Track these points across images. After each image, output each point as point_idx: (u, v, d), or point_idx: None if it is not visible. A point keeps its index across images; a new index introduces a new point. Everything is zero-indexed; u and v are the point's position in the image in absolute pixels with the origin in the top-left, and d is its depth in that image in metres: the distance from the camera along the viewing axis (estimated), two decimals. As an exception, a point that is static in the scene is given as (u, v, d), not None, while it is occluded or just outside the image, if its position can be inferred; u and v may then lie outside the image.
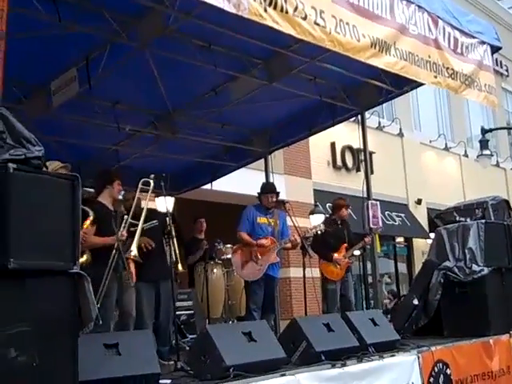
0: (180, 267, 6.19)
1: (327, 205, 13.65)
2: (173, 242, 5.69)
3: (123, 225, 5.60)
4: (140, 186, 5.91)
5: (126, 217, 5.66)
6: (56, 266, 3.35)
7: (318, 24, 4.99)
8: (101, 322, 3.48)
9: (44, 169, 3.49)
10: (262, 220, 7.09)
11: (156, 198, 9.03)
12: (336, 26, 5.17)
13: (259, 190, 7.24)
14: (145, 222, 6.00)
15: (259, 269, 6.87)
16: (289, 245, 7.19)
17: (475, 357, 6.36)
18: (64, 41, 6.02)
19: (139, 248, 5.63)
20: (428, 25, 6.27)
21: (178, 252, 5.85)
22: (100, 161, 8.95)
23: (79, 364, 3.42)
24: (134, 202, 5.88)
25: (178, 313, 8.55)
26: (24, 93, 6.99)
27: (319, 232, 7.32)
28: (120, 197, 6.16)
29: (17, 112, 6.67)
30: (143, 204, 6.30)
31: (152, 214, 6.36)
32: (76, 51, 6.30)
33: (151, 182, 5.89)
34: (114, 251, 5.37)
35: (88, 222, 5.48)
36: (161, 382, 4.09)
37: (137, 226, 5.63)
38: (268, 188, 7.31)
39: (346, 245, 8.17)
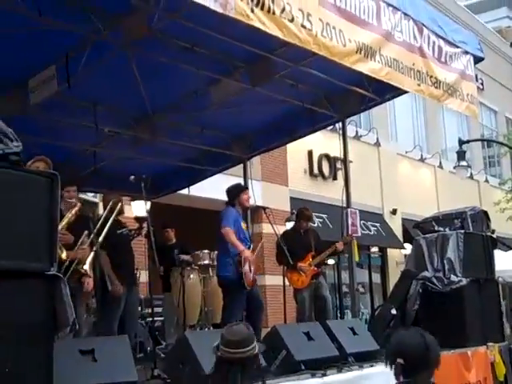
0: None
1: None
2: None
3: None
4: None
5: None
6: (31, 267, 3.21)
7: (304, 27, 4.94)
8: (77, 327, 3.34)
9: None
10: (243, 225, 6.89)
11: (132, 202, 8.91)
12: (322, 29, 5.11)
13: (232, 193, 7.00)
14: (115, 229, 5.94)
15: (254, 277, 6.66)
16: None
17: (453, 368, 6.32)
18: (44, 37, 5.83)
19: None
20: (413, 32, 6.26)
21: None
22: (77, 162, 8.77)
23: (54, 370, 3.28)
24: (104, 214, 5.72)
25: (152, 319, 8.45)
26: (0, 90, 6.78)
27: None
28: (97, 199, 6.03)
29: (-8, 109, 6.62)
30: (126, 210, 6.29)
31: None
32: (56, 49, 6.10)
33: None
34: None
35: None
36: (137, 389, 3.96)
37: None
38: (241, 185, 7.13)
39: (312, 253, 8.07)
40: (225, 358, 3.49)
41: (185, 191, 10.35)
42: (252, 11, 4.61)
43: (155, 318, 8.69)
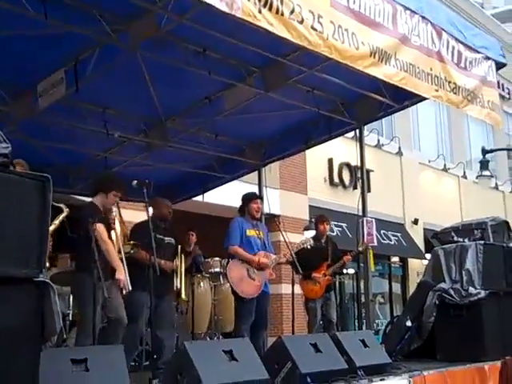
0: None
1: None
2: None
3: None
4: None
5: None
6: (19, 273, 3.09)
7: (314, 29, 4.78)
8: (65, 336, 3.21)
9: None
10: (250, 233, 6.72)
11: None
12: (334, 31, 4.95)
13: (242, 202, 6.89)
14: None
15: (257, 285, 6.49)
16: (283, 260, 6.91)
17: (469, 383, 6.10)
18: (52, 41, 5.79)
19: None
20: (431, 36, 6.06)
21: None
22: (89, 167, 8.73)
23: (43, 381, 3.16)
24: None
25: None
26: (10, 94, 6.74)
27: (308, 247, 7.04)
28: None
29: (2, 114, 6.59)
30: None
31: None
32: (64, 52, 6.04)
33: None
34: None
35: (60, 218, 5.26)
36: (133, 401, 3.81)
37: None
38: (253, 194, 7.00)
39: (327, 263, 7.93)
40: None
41: (199, 198, 10.24)
42: (259, 12, 4.48)
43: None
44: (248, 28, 4.79)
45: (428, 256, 14.65)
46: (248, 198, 6.86)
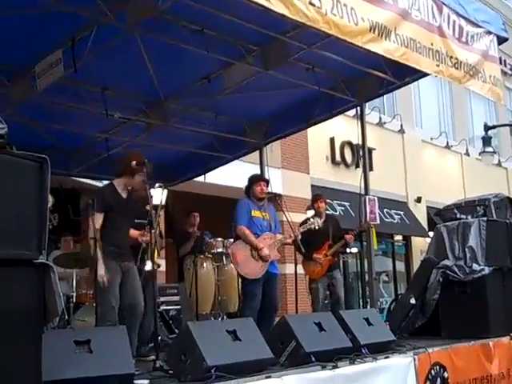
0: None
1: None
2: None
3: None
4: None
5: None
6: (19, 255, 3.07)
7: (313, 4, 4.71)
8: (66, 317, 3.20)
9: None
10: (256, 214, 6.70)
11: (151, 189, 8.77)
12: (333, 7, 4.88)
13: (247, 184, 6.88)
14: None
15: (261, 266, 6.48)
16: (289, 240, 6.91)
17: (474, 360, 6.11)
18: (49, 21, 5.71)
19: None
20: (432, 11, 6.00)
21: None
22: (89, 149, 8.69)
23: (46, 362, 3.16)
24: None
25: (166, 307, 8.38)
26: (8, 76, 6.67)
27: (316, 227, 7.01)
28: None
29: (0, 96, 6.53)
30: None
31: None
32: (62, 32, 5.95)
33: None
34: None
35: None
36: (136, 382, 3.81)
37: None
38: (258, 176, 7.01)
39: (329, 242, 7.90)
40: None
41: (200, 178, 10.21)
42: (257, -13, 4.42)
43: (170, 307, 8.62)
44: (246, 5, 4.72)
45: (431, 234, 14.68)
46: (252, 180, 6.86)
